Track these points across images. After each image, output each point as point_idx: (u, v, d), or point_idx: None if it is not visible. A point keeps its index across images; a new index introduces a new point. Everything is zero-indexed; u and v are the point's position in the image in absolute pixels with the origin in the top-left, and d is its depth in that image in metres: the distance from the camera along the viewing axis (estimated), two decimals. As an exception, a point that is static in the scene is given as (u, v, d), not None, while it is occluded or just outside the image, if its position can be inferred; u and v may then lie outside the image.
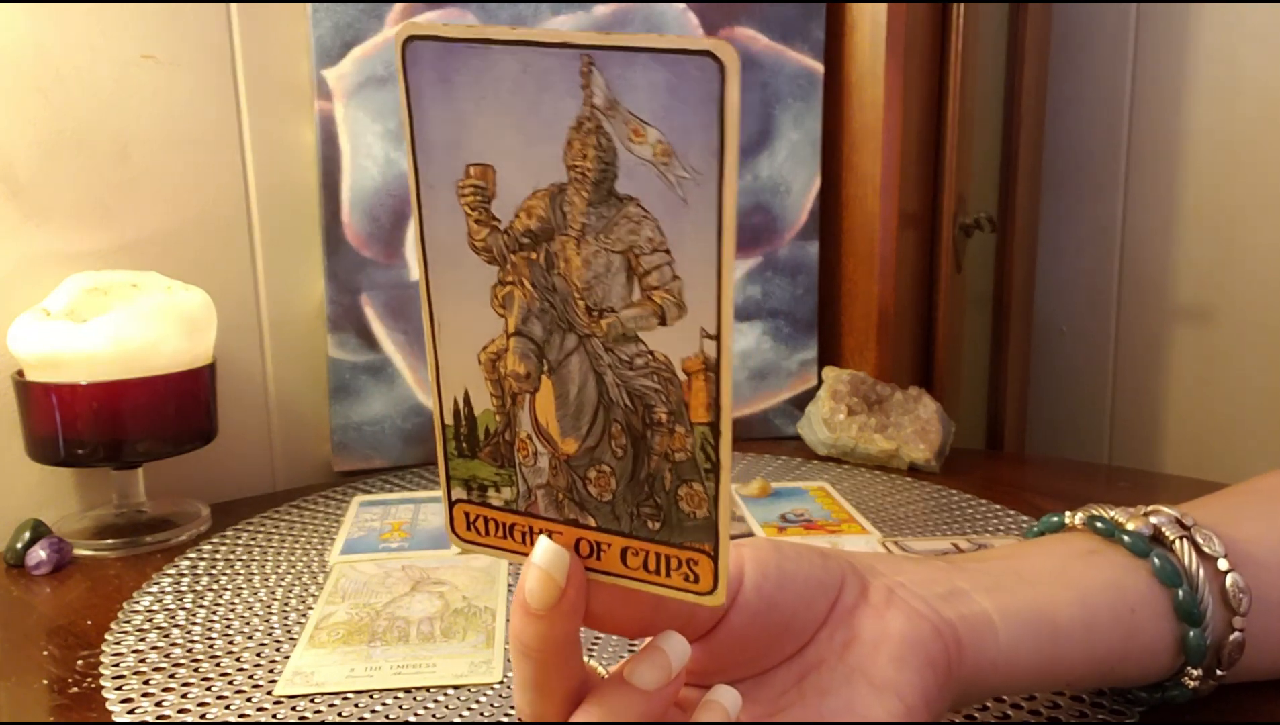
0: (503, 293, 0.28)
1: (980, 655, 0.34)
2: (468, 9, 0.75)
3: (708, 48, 0.23)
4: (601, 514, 0.29)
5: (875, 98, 0.82)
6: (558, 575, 0.29)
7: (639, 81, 0.24)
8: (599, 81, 0.24)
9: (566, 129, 0.25)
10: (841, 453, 0.77)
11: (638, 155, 0.24)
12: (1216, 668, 0.38)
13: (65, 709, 0.43)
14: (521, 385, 0.29)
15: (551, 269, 0.27)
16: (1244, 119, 0.90)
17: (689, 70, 0.23)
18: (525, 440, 0.30)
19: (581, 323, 0.27)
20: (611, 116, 0.24)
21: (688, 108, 0.23)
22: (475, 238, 0.27)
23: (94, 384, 0.59)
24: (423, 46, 0.26)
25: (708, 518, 0.28)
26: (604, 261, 0.26)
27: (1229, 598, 0.37)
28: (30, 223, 0.65)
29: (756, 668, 0.34)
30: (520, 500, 0.30)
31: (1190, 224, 0.95)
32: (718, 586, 0.28)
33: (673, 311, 0.26)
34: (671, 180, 0.24)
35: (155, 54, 0.68)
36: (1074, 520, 0.41)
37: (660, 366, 0.27)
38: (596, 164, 0.25)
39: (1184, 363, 0.97)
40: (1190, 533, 0.38)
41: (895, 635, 0.33)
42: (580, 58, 0.24)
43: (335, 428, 0.76)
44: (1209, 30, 0.92)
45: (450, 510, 0.31)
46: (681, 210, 0.25)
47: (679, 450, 0.27)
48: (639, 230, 0.25)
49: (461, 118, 0.26)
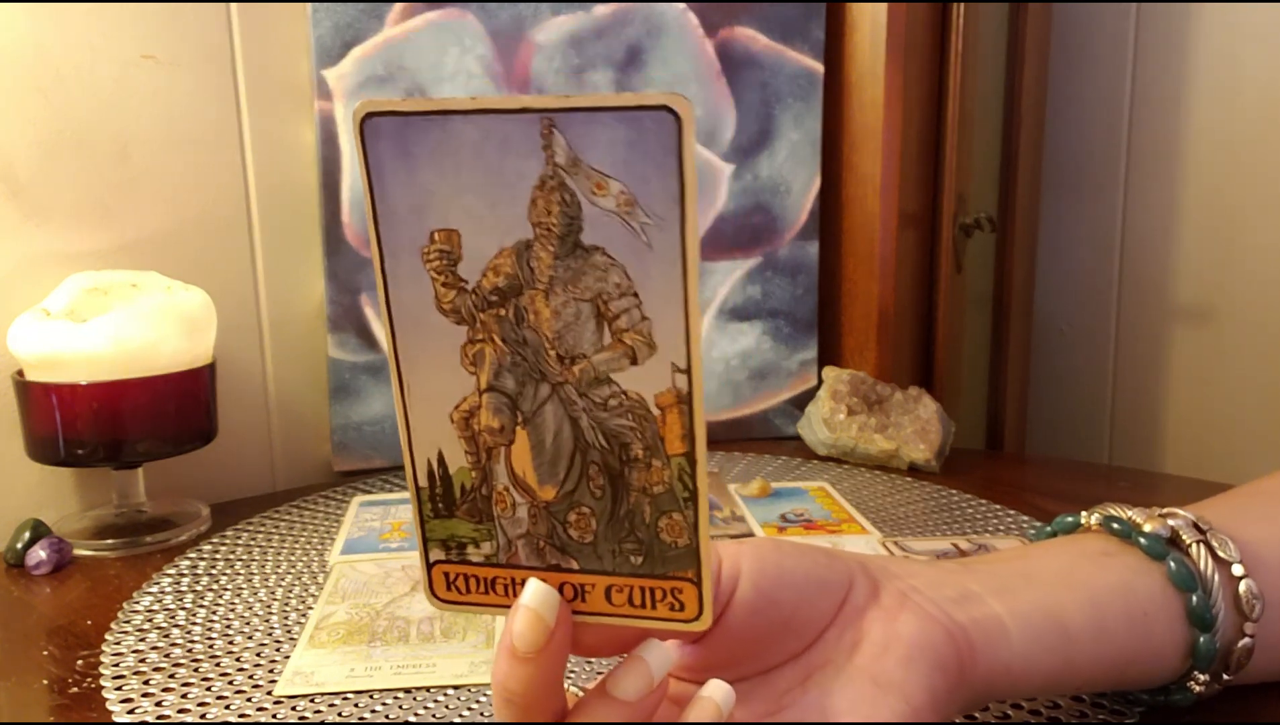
0: (473, 351, 0.29)
1: (993, 660, 0.34)
2: (467, 9, 0.75)
3: (664, 102, 0.24)
4: (584, 556, 0.30)
5: (875, 98, 0.82)
6: (548, 616, 0.29)
7: (599, 138, 0.25)
8: (560, 142, 0.25)
9: (530, 188, 0.26)
10: (841, 453, 0.77)
11: (601, 206, 0.26)
12: (1224, 672, 0.38)
13: (65, 709, 0.43)
14: (496, 439, 0.29)
15: (521, 322, 0.28)
16: (1244, 119, 0.90)
17: (646, 124, 0.24)
18: (503, 493, 0.30)
19: (554, 371, 0.28)
20: (574, 173, 0.25)
21: (648, 159, 0.25)
22: (443, 301, 0.28)
23: (94, 384, 0.59)
24: (381, 122, 0.26)
25: (689, 545, 0.28)
26: (573, 310, 0.27)
27: (1242, 603, 0.37)
28: (30, 223, 0.65)
29: (759, 665, 0.34)
30: (500, 553, 0.31)
31: (1190, 224, 0.95)
32: (703, 611, 0.29)
33: (644, 351, 0.27)
34: (635, 227, 0.25)
35: (155, 54, 0.68)
36: (1089, 521, 0.41)
37: (634, 404, 0.27)
38: (561, 219, 0.26)
39: (1184, 363, 0.97)
40: (1207, 537, 0.38)
41: (905, 637, 0.33)
42: (541, 120, 0.25)
43: (335, 428, 0.76)
44: (1209, 30, 0.92)
45: (429, 573, 0.31)
46: (646, 254, 0.26)
47: (657, 483, 0.28)
48: (607, 276, 0.26)
49: (423, 186, 0.27)
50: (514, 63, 0.76)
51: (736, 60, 0.80)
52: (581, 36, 0.77)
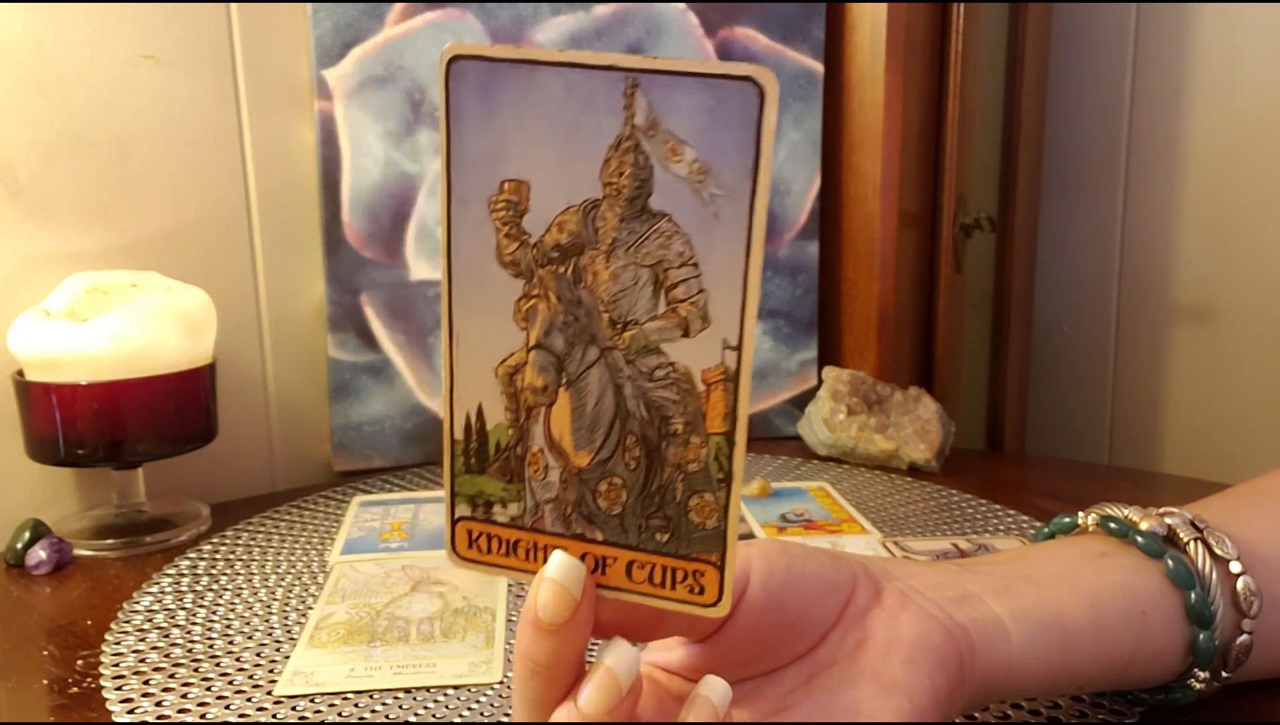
0: (526, 306, 0.28)
1: (993, 660, 0.34)
2: (467, 9, 0.75)
3: (749, 73, 0.24)
4: (609, 527, 0.29)
5: (875, 98, 0.82)
6: (573, 588, 0.29)
7: (681, 103, 0.25)
8: (641, 103, 0.25)
9: (605, 147, 0.26)
10: (841, 453, 0.77)
11: (674, 173, 0.26)
12: (1222, 670, 0.38)
13: (65, 709, 0.43)
14: (538, 398, 0.29)
15: (579, 283, 0.28)
16: (1244, 119, 0.90)
17: (730, 94, 0.24)
18: (537, 454, 0.30)
19: (605, 335, 0.28)
20: (650, 136, 0.25)
21: (726, 129, 0.25)
22: (504, 252, 0.28)
23: (94, 384, 0.59)
24: (468, 66, 0.26)
25: (717, 528, 0.28)
26: (632, 275, 0.27)
27: (1240, 600, 0.37)
28: (30, 223, 0.65)
29: (765, 666, 0.34)
30: (527, 516, 0.30)
31: (1190, 224, 0.95)
32: (722, 597, 0.29)
33: (697, 323, 0.27)
34: (705, 197, 0.25)
35: (155, 54, 0.68)
36: (1086, 521, 0.41)
37: (681, 377, 0.27)
38: (632, 180, 0.26)
39: (1184, 362, 0.97)
40: (1204, 535, 0.38)
41: (907, 637, 0.33)
42: (625, 79, 0.25)
43: (335, 428, 0.76)
44: (1209, 30, 0.92)
45: (453, 528, 0.31)
46: (713, 226, 0.26)
47: (693, 461, 0.28)
48: (670, 244, 0.26)
49: (500, 135, 0.27)
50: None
51: (736, 60, 0.80)
52: (581, 37, 0.77)
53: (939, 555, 0.57)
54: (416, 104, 0.75)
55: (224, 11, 0.71)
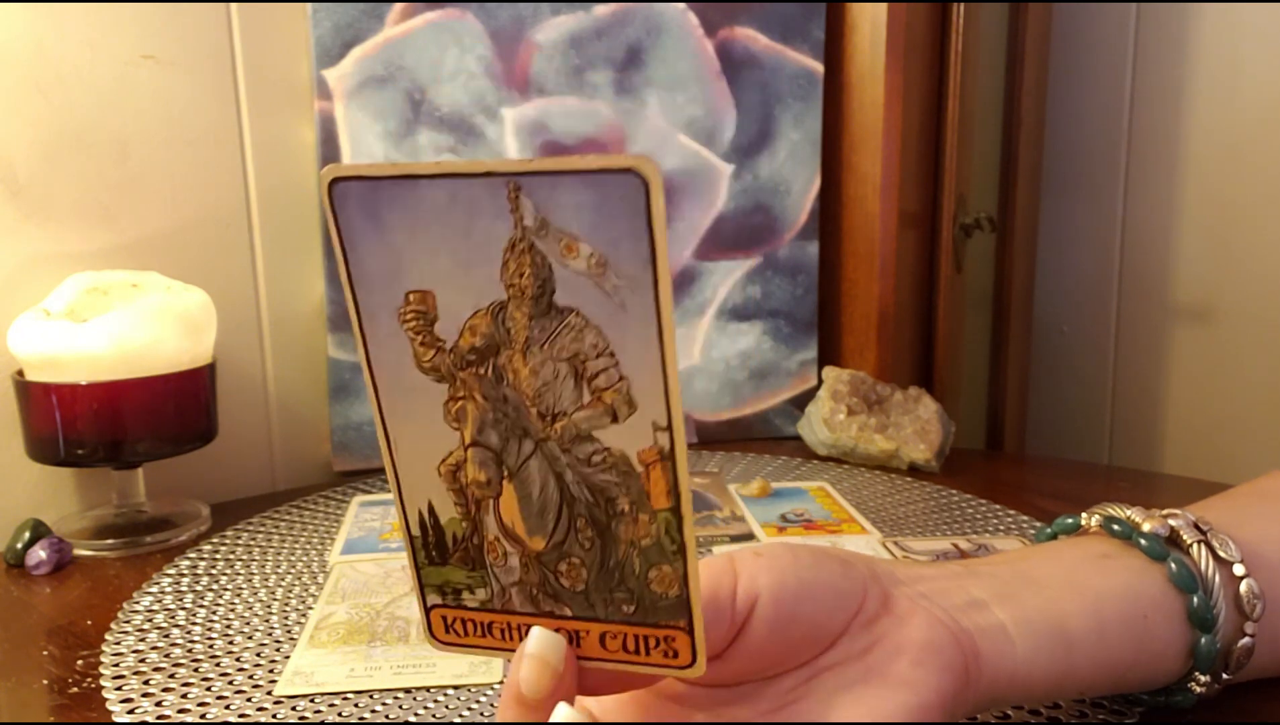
0: (455, 408, 0.29)
1: (997, 668, 0.34)
2: (467, 9, 0.75)
3: (629, 165, 0.24)
4: (576, 603, 0.30)
5: (875, 98, 0.82)
6: (555, 661, 0.29)
7: (566, 201, 0.25)
8: (527, 205, 0.25)
9: (500, 250, 0.26)
10: (841, 453, 0.77)
11: (573, 269, 0.25)
12: (1223, 672, 0.38)
13: (65, 709, 0.43)
14: (484, 492, 0.29)
15: (501, 381, 0.28)
16: (1244, 119, 0.90)
17: (613, 188, 0.24)
18: (494, 542, 0.30)
19: (536, 428, 0.28)
20: (543, 236, 0.25)
21: (616, 222, 0.24)
22: (422, 360, 0.28)
23: (94, 384, 0.59)
24: (349, 186, 0.26)
25: (680, 595, 0.28)
26: (551, 370, 0.27)
27: (1242, 603, 0.37)
28: (30, 223, 0.65)
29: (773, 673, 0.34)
30: (495, 599, 0.31)
31: (1190, 224, 0.95)
32: (696, 660, 0.29)
33: (623, 410, 0.27)
34: (608, 290, 0.25)
35: (155, 54, 0.68)
36: (1089, 522, 0.41)
37: (618, 460, 0.27)
38: (533, 281, 0.26)
39: (1184, 362, 0.97)
40: (1208, 537, 0.38)
41: (915, 641, 0.33)
42: (507, 184, 0.25)
43: (335, 428, 0.76)
44: (1209, 30, 0.92)
45: (427, 616, 0.32)
46: (620, 315, 0.25)
47: (644, 537, 0.28)
48: (582, 337, 0.26)
49: (395, 249, 0.27)
50: (514, 63, 0.76)
51: (736, 60, 0.80)
52: (581, 36, 0.77)
53: (939, 555, 0.57)
54: (416, 104, 0.75)
55: (224, 11, 0.71)
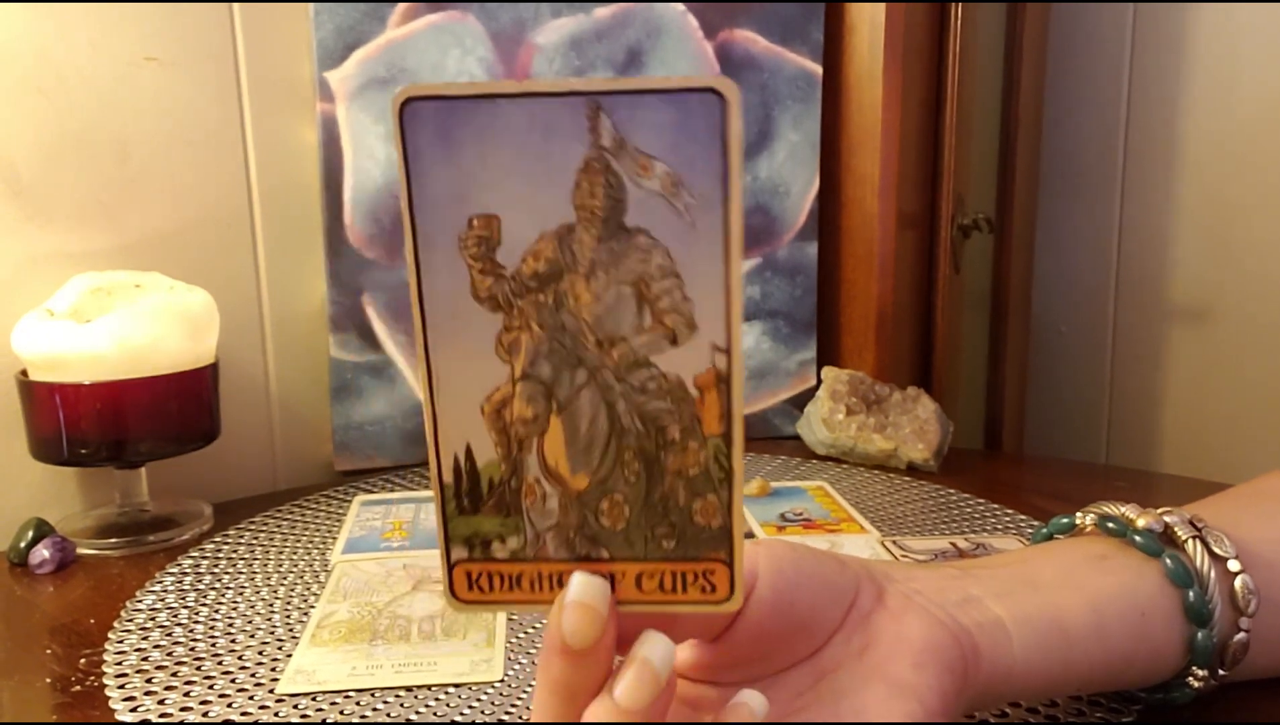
0: (509, 339, 0.28)
1: (995, 664, 0.35)
2: (468, 11, 0.75)
3: (711, 85, 0.24)
4: (615, 544, 0.29)
5: (874, 99, 0.82)
6: (601, 607, 0.28)
7: (645, 120, 0.25)
8: (606, 124, 0.25)
9: (574, 171, 0.26)
10: (840, 452, 0.77)
11: (646, 188, 0.26)
12: (1220, 668, 0.38)
13: (68, 707, 0.44)
14: (530, 428, 0.29)
15: (560, 308, 0.28)
16: (1241, 120, 0.91)
17: (693, 106, 0.25)
18: (533, 484, 0.30)
19: (592, 356, 0.28)
20: (619, 155, 0.26)
21: (694, 140, 0.25)
22: (480, 288, 0.28)
23: (97, 384, 0.60)
24: (422, 106, 0.26)
25: (723, 526, 0.28)
26: (614, 293, 0.27)
27: (1237, 599, 0.38)
28: (33, 223, 0.65)
29: (770, 667, 0.34)
30: (528, 548, 0.30)
31: (1187, 224, 0.95)
32: (734, 592, 0.29)
33: (684, 332, 0.27)
34: (680, 208, 0.26)
35: (157, 55, 0.69)
36: (1084, 522, 0.41)
37: (673, 386, 0.27)
38: (605, 201, 0.26)
39: (1181, 362, 0.97)
40: (1202, 533, 0.38)
41: (914, 640, 0.33)
42: (587, 103, 0.25)
43: (337, 427, 0.76)
44: (1206, 31, 0.92)
45: (450, 573, 0.31)
46: (689, 234, 0.26)
47: (693, 466, 0.28)
48: (649, 258, 0.26)
49: (464, 172, 0.27)
50: (514, 65, 0.76)
51: (736, 62, 0.81)
52: (582, 38, 0.77)
53: (937, 554, 0.57)
54: (417, 105, 0.75)
55: (226, 13, 0.71)
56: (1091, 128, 1.00)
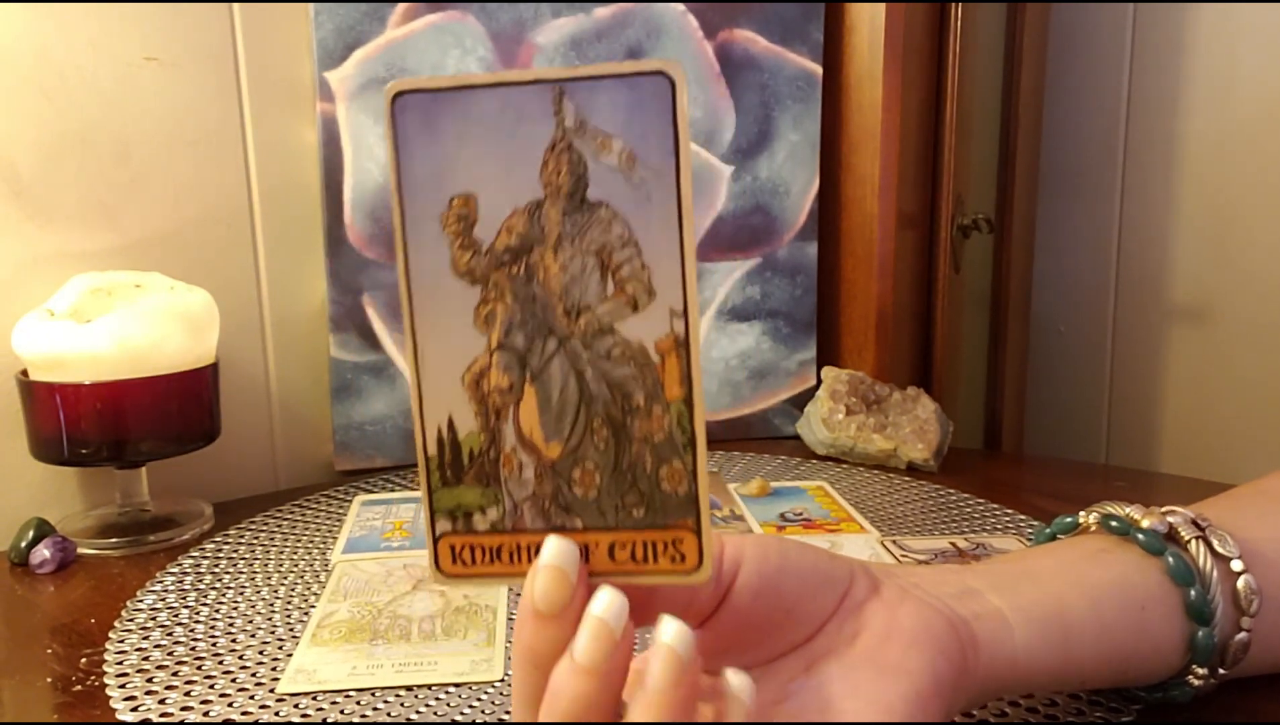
0: (485, 311, 0.30)
1: (996, 654, 0.35)
2: (468, 11, 0.75)
3: (660, 68, 0.27)
4: (588, 513, 0.31)
5: (874, 99, 0.82)
6: (570, 570, 0.29)
7: (603, 102, 0.28)
8: (569, 107, 0.28)
9: (542, 151, 0.28)
10: (840, 452, 0.77)
11: (606, 164, 0.28)
12: (1220, 666, 0.38)
13: (69, 707, 0.44)
14: (506, 397, 0.31)
15: (531, 279, 0.30)
16: (1240, 120, 0.91)
17: (645, 87, 0.27)
18: (510, 454, 0.31)
19: (561, 325, 0.30)
20: (581, 135, 0.28)
21: (646, 118, 0.28)
22: (459, 263, 0.30)
23: (98, 384, 0.60)
24: (410, 98, 0.29)
25: (689, 492, 0.30)
26: (579, 264, 0.29)
27: (1240, 598, 0.38)
28: (33, 223, 0.65)
29: (761, 654, 0.34)
30: (506, 518, 0.31)
31: (1187, 224, 0.95)
32: (703, 562, 0.30)
33: (644, 298, 0.29)
34: (635, 182, 0.28)
35: (158, 55, 0.69)
36: (1088, 520, 0.41)
37: (636, 352, 0.29)
38: (569, 177, 0.28)
39: (1180, 362, 0.97)
40: (1205, 533, 0.38)
41: (908, 626, 0.33)
42: (553, 89, 0.28)
43: (337, 427, 0.76)
44: (1206, 31, 0.92)
45: (435, 547, 0.32)
46: (645, 205, 0.28)
47: (658, 431, 0.30)
48: (610, 229, 0.29)
49: (445, 155, 0.29)
50: (514, 65, 0.76)
51: (736, 62, 0.81)
52: (582, 38, 0.77)
53: (937, 554, 0.57)
54: (417, 105, 0.75)
55: (226, 13, 0.71)
56: (1091, 128, 1.00)
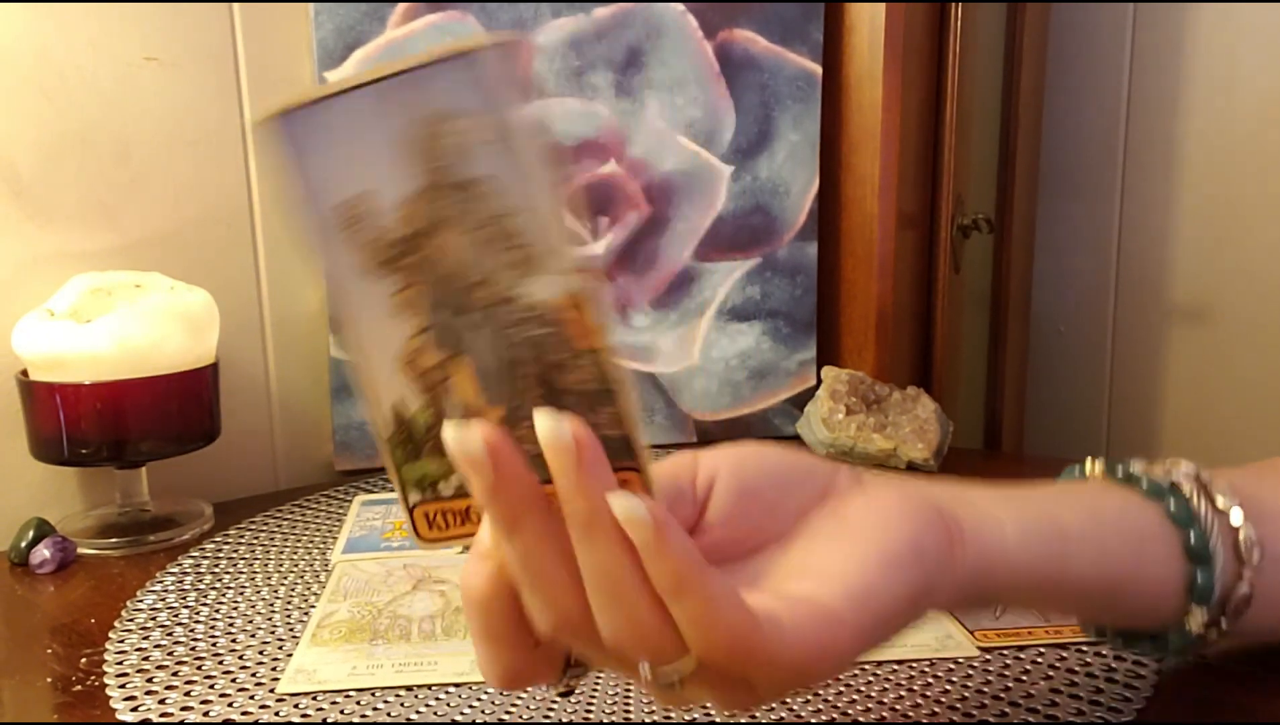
0: (402, 297, 0.31)
1: (986, 544, 0.34)
2: (468, 11, 0.75)
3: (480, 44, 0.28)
4: (539, 467, 0.31)
5: (874, 99, 0.82)
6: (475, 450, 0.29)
7: (449, 85, 0.29)
8: (419, 97, 0.29)
9: (415, 139, 0.29)
10: (840, 452, 0.77)
11: (472, 140, 0.29)
12: (1221, 618, 0.38)
13: (69, 707, 0.44)
14: (439, 373, 0.32)
15: (437, 261, 0.31)
16: (1241, 120, 0.91)
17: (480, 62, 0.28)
18: None
19: (474, 298, 0.31)
20: (440, 120, 0.29)
21: (489, 91, 0.28)
22: (364, 261, 0.31)
23: (98, 384, 0.60)
24: (280, 122, 0.30)
25: (622, 435, 0.30)
26: (472, 239, 0.30)
27: (1240, 549, 0.37)
28: (33, 223, 0.66)
29: (747, 549, 0.34)
30: (467, 483, 0.32)
31: (1187, 224, 0.95)
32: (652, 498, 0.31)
33: (538, 261, 0.30)
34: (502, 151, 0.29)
35: (158, 56, 0.69)
36: (1093, 468, 0.41)
37: (544, 312, 0.30)
38: (444, 159, 0.29)
39: (1181, 362, 0.97)
40: (1208, 488, 0.38)
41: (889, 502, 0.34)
42: (401, 83, 0.29)
43: (337, 427, 0.76)
44: (1206, 31, 0.92)
45: (411, 516, 0.34)
46: (514, 172, 0.29)
47: (585, 381, 0.30)
48: (492, 202, 0.29)
49: (327, 163, 0.30)
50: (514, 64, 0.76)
51: (736, 62, 0.81)
52: (581, 38, 0.77)
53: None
54: (417, 105, 0.75)
55: (226, 13, 0.71)
56: (1091, 127, 1.00)
